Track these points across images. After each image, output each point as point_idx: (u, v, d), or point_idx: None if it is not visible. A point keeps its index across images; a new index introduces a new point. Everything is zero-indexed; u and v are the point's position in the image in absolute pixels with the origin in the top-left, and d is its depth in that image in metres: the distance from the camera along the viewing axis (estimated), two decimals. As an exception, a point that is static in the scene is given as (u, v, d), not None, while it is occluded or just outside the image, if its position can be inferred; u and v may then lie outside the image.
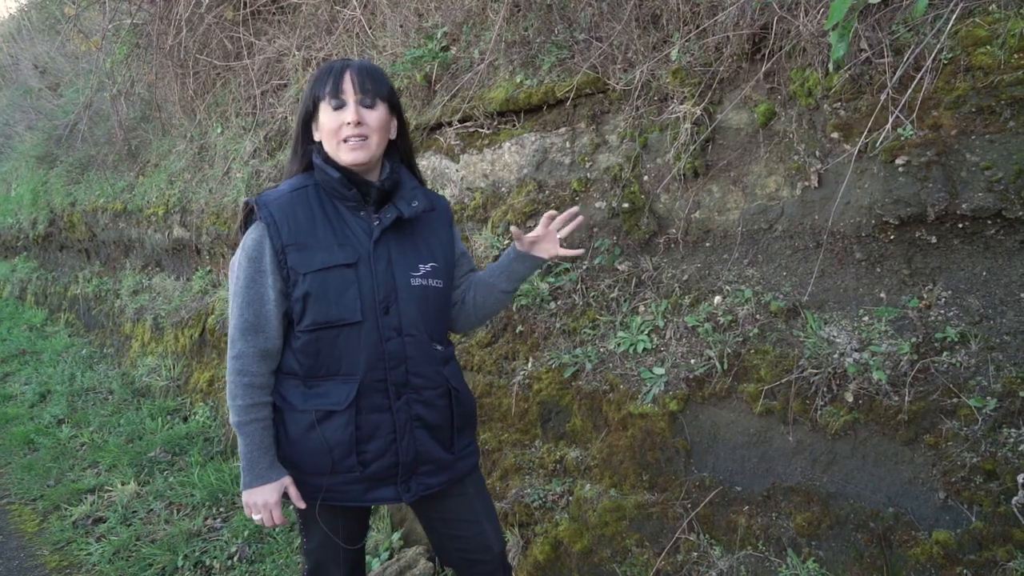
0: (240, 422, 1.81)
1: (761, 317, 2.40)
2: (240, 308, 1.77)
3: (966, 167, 1.96)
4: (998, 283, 2.00)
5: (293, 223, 1.77)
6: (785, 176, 2.47)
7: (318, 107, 1.82)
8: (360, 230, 1.83)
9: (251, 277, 1.76)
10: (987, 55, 1.94)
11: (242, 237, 1.82)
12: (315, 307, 1.78)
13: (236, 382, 1.80)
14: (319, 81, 1.83)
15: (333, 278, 1.78)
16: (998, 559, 1.77)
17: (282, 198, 1.80)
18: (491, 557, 2.12)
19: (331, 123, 1.79)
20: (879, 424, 2.04)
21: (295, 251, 1.76)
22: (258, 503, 1.83)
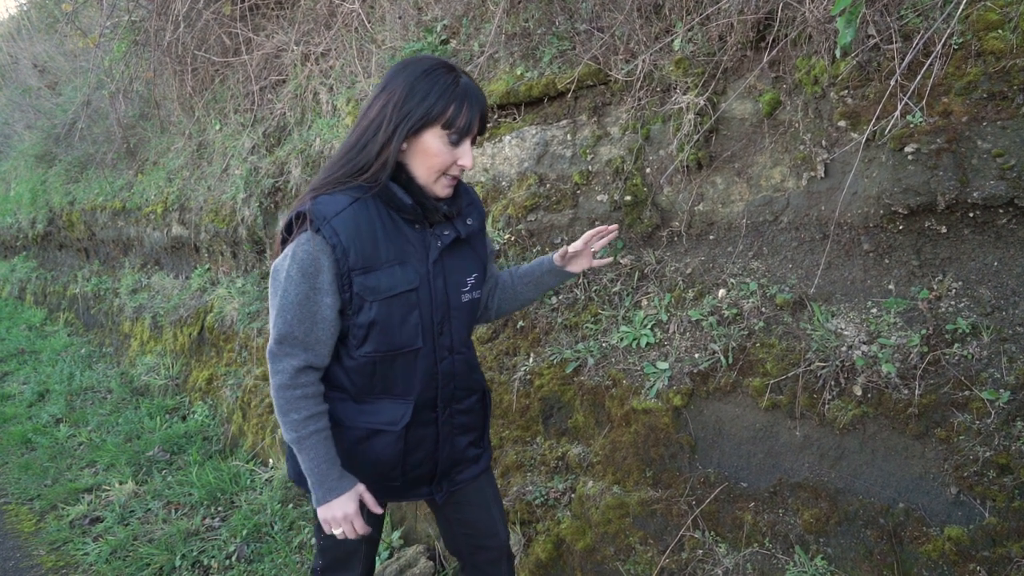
0: (299, 437, 1.72)
1: (767, 310, 2.36)
2: (289, 324, 1.65)
3: (977, 154, 1.91)
4: (1010, 273, 1.96)
5: (358, 244, 1.64)
6: (791, 166, 2.42)
7: (429, 127, 1.63)
8: (418, 244, 1.74)
9: (305, 294, 1.64)
10: (999, 39, 1.89)
11: (287, 240, 1.67)
12: (379, 335, 1.73)
13: (288, 396, 1.70)
14: (446, 100, 1.63)
15: (398, 304, 1.72)
16: (1013, 555, 1.72)
17: (344, 213, 1.64)
18: (497, 543, 2.15)
19: (443, 157, 1.66)
20: (889, 418, 1.99)
21: (361, 275, 1.66)
22: (337, 517, 1.77)
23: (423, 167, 1.67)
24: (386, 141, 1.63)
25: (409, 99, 1.62)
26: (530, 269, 2.06)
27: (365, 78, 4.08)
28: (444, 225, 1.79)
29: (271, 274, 1.69)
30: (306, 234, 1.62)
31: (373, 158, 1.64)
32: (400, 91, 1.63)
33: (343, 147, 1.71)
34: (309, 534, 3.52)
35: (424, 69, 1.64)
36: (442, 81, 1.63)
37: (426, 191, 1.71)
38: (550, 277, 2.04)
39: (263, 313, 4.73)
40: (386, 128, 1.63)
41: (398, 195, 1.68)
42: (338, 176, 1.67)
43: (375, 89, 1.70)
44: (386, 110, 1.63)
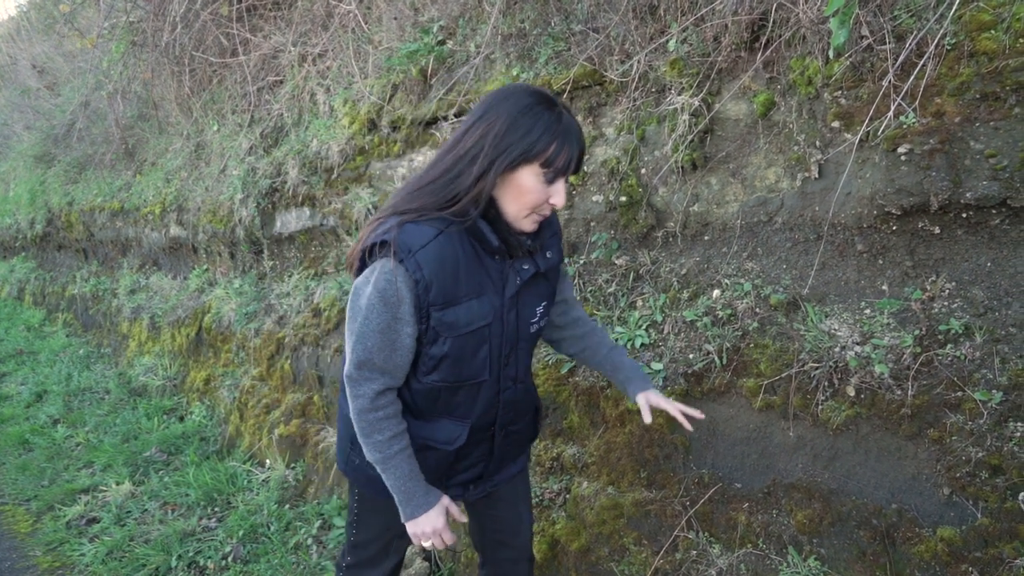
0: (383, 457, 1.75)
1: (761, 311, 2.35)
2: (369, 350, 1.65)
3: (970, 155, 1.91)
4: (1003, 274, 1.95)
5: (440, 279, 1.62)
6: (785, 167, 2.42)
7: (526, 164, 1.58)
8: (496, 276, 1.73)
9: (387, 323, 1.63)
10: (991, 40, 1.89)
11: (367, 263, 1.65)
12: (449, 367, 1.75)
13: (370, 419, 1.72)
14: (548, 137, 1.58)
15: (471, 339, 1.72)
16: (1005, 556, 1.72)
17: (429, 247, 1.60)
18: (520, 542, 2.20)
19: (537, 195, 1.62)
20: (882, 419, 1.99)
21: (440, 310, 1.65)
22: (427, 531, 1.82)
23: (514, 204, 1.64)
24: (481, 174, 1.58)
25: (510, 133, 1.57)
26: (621, 363, 2.04)
27: (362, 78, 4.08)
28: (522, 260, 1.77)
29: (351, 295, 1.66)
30: (389, 263, 1.60)
31: (465, 190, 1.59)
32: (501, 123, 1.57)
33: (432, 171, 1.65)
34: (305, 535, 3.52)
35: (527, 103, 1.59)
36: (545, 117, 1.58)
37: (512, 227, 1.68)
38: (614, 378, 2.06)
39: (260, 314, 4.73)
40: (483, 161, 1.57)
41: (486, 234, 1.65)
42: (425, 203, 1.62)
43: (471, 116, 1.64)
44: (484, 141, 1.57)
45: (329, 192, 4.28)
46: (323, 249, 4.46)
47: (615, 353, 2.07)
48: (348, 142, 4.12)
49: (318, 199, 4.35)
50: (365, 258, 1.67)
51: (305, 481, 3.92)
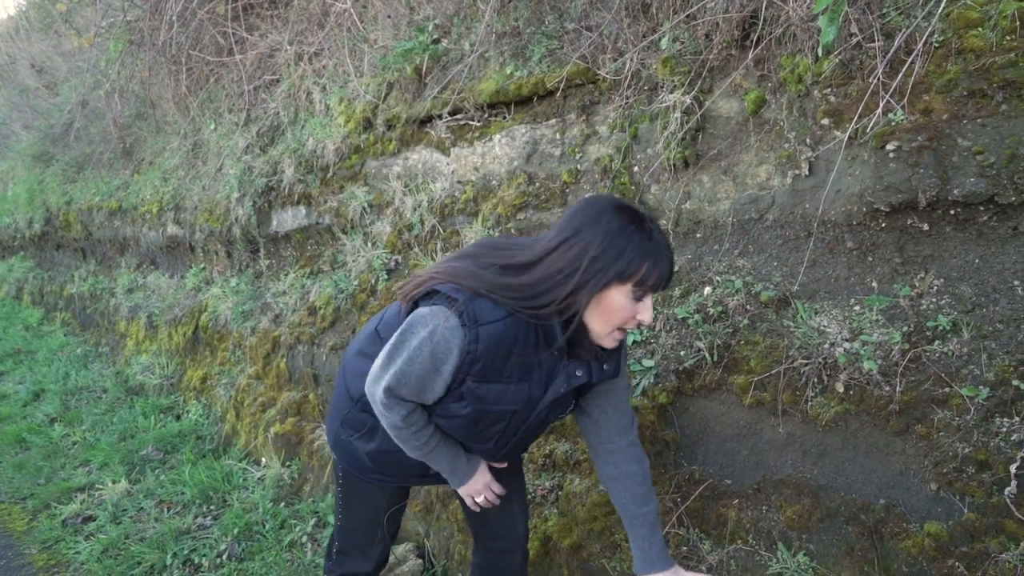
0: (424, 453, 1.84)
1: (751, 308, 2.36)
2: (402, 386, 1.68)
3: (957, 152, 1.92)
4: (991, 270, 1.96)
5: (490, 358, 1.65)
6: (776, 165, 2.43)
7: (617, 284, 1.62)
8: (546, 370, 1.75)
9: (427, 372, 1.66)
10: (979, 37, 1.90)
11: (421, 301, 1.71)
12: (461, 426, 1.80)
13: (403, 435, 1.79)
14: (641, 258, 1.60)
15: (493, 415, 1.77)
16: (991, 551, 1.73)
17: (495, 326, 1.63)
18: (514, 535, 2.25)
19: (625, 312, 1.65)
20: (870, 415, 2.00)
21: (476, 382, 1.69)
22: (479, 487, 1.98)
23: (600, 320, 1.67)
24: (572, 292, 1.61)
25: (605, 255, 1.59)
26: (640, 534, 1.97)
27: (357, 77, 4.09)
28: (579, 364, 1.78)
29: (407, 324, 1.68)
30: (455, 321, 1.62)
31: (554, 305, 1.62)
32: (597, 245, 1.59)
33: (520, 277, 1.64)
34: (300, 532, 3.53)
35: (620, 224, 1.61)
36: (636, 238, 1.61)
37: (591, 340, 1.72)
38: (635, 545, 1.99)
39: (256, 312, 4.74)
40: (578, 280, 1.59)
41: (556, 333, 1.69)
42: (503, 297, 1.63)
43: (562, 230, 1.65)
44: (581, 261, 1.59)
45: (325, 191, 4.29)
46: (319, 247, 4.46)
47: (637, 523, 1.98)
48: (344, 141, 4.13)
49: (314, 198, 4.36)
50: (423, 297, 1.71)
51: (300, 479, 3.93)
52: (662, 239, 1.66)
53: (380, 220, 3.93)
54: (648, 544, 1.95)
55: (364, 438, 1.98)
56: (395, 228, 3.79)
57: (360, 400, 1.94)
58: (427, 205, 3.60)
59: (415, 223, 3.64)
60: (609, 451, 1.99)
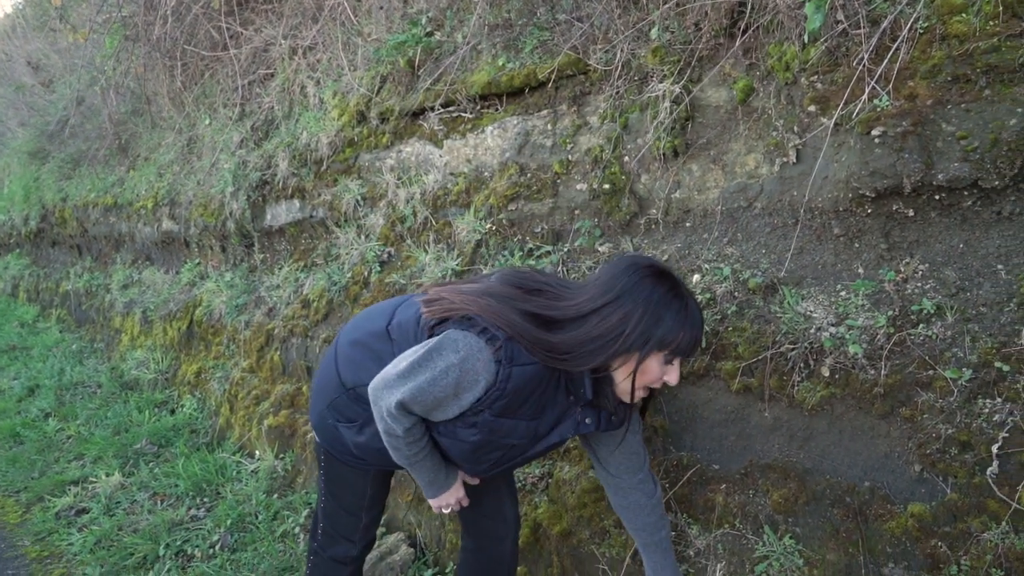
0: (410, 463, 1.85)
1: (739, 295, 2.38)
2: (416, 403, 1.68)
3: (942, 137, 1.93)
4: (975, 255, 1.98)
5: (514, 397, 1.68)
6: (764, 153, 2.44)
7: (655, 351, 1.69)
8: (557, 411, 1.81)
9: (447, 396, 1.67)
10: (962, 23, 1.92)
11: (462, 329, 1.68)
12: (462, 451, 1.81)
13: (398, 444, 1.78)
14: (679, 327, 1.68)
15: (496, 444, 1.79)
16: (973, 530, 1.74)
17: (528, 369, 1.66)
18: (502, 519, 2.27)
19: (655, 375, 1.73)
20: (855, 398, 2.02)
21: (492, 416, 1.71)
22: (450, 502, 2.00)
23: (629, 380, 1.73)
24: (613, 357, 1.68)
25: (646, 323, 1.66)
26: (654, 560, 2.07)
27: (351, 71, 4.10)
28: (591, 411, 1.84)
29: (439, 341, 1.67)
30: (490, 356, 1.63)
31: (592, 365, 1.67)
32: (640, 312, 1.66)
33: (555, 325, 1.68)
34: (293, 523, 3.54)
35: (662, 292, 1.69)
36: (675, 306, 1.69)
37: (614, 393, 1.77)
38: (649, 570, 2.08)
39: (250, 306, 4.75)
40: (618, 348, 1.66)
41: (584, 387, 1.75)
42: (540, 352, 1.65)
43: (604, 289, 1.69)
44: (626, 326, 1.65)
45: (319, 184, 4.30)
46: (313, 241, 4.47)
47: (651, 549, 2.07)
48: (337, 134, 4.14)
49: (308, 191, 4.37)
50: (455, 319, 1.71)
51: (294, 471, 3.93)
52: (696, 306, 1.74)
53: (373, 213, 3.94)
54: (661, 568, 2.05)
55: (353, 429, 1.98)
56: (388, 220, 3.80)
57: (353, 389, 1.94)
58: (420, 197, 3.62)
59: (408, 215, 3.65)
60: (618, 485, 2.06)
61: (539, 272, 1.85)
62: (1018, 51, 1.83)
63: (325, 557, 2.28)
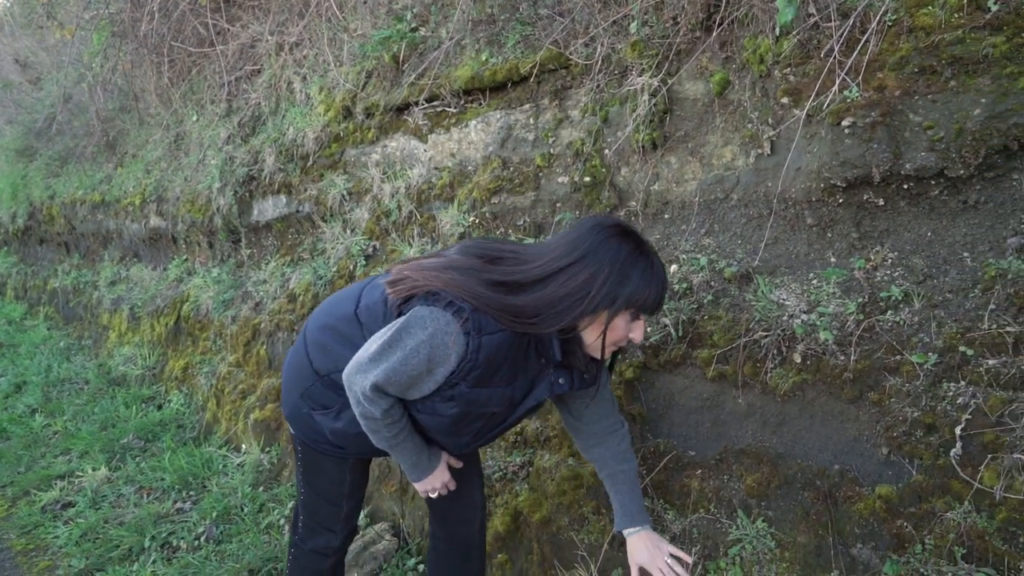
0: (391, 445, 1.86)
1: (715, 284, 2.41)
2: (391, 383, 1.69)
3: (909, 127, 1.98)
4: (942, 243, 2.02)
5: (487, 366, 1.69)
6: (740, 145, 2.48)
7: (623, 309, 1.70)
8: (530, 375, 1.83)
9: (420, 373, 1.68)
10: (928, 15, 1.96)
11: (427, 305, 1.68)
12: (442, 425, 1.82)
13: (378, 427, 1.79)
14: (645, 285, 1.69)
15: (475, 415, 1.81)
16: (937, 510, 1.78)
17: (497, 336, 1.66)
18: (471, 501, 2.29)
19: (621, 332, 1.75)
20: (826, 384, 2.05)
21: (468, 387, 1.72)
22: (436, 486, 2.01)
23: (598, 339, 1.74)
24: (581, 317, 1.68)
25: (613, 280, 1.66)
26: (626, 499, 2.07)
27: (337, 66, 4.12)
28: (563, 372, 1.85)
29: (405, 322, 1.67)
30: (458, 329, 1.64)
31: (560, 326, 1.67)
32: (607, 271, 1.66)
33: (519, 288, 1.67)
34: (278, 515, 3.56)
35: (628, 251, 1.69)
36: (641, 264, 1.69)
37: (584, 352, 1.79)
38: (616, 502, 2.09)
39: (237, 301, 4.77)
40: (585, 307, 1.65)
41: (554, 348, 1.75)
42: (507, 319, 1.65)
43: (569, 249, 1.68)
44: (592, 286, 1.65)
45: (305, 179, 4.32)
46: (299, 236, 4.49)
47: (618, 478, 2.08)
48: (323, 129, 4.17)
49: (294, 186, 4.39)
50: (420, 296, 1.71)
51: (280, 464, 3.95)
52: (660, 264, 1.75)
53: (359, 207, 3.96)
54: (628, 500, 2.05)
55: (330, 416, 1.98)
56: (373, 215, 3.83)
57: (327, 376, 1.94)
58: (404, 191, 3.64)
59: (393, 209, 3.68)
60: (591, 432, 2.08)
61: (500, 240, 1.87)
62: (982, 43, 1.87)
63: (306, 549, 2.27)
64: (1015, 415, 1.72)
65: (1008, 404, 1.75)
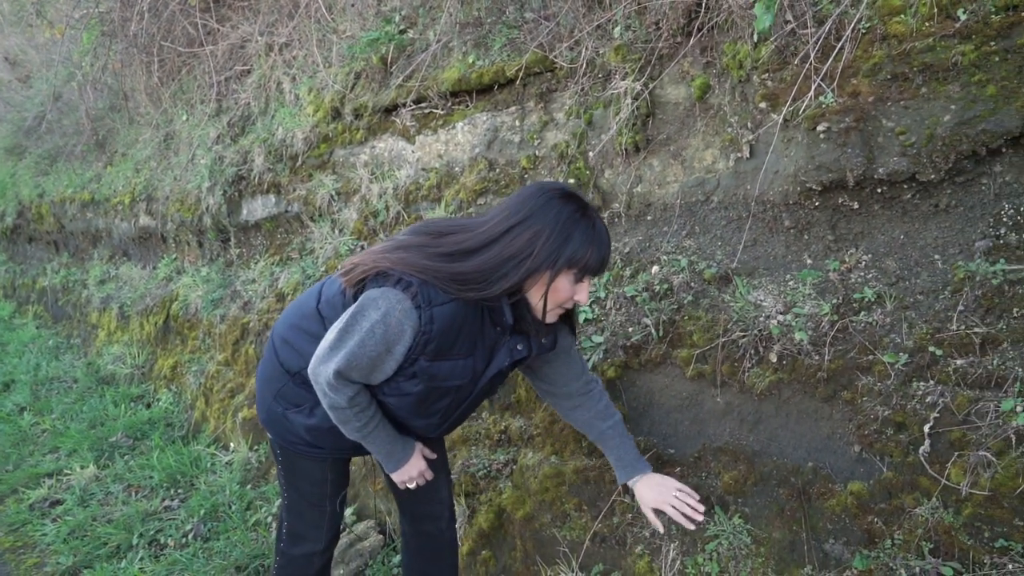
0: (363, 435, 1.88)
1: (695, 285, 2.46)
2: (352, 368, 1.72)
3: (882, 132, 2.02)
4: (914, 246, 2.07)
5: (443, 337, 1.72)
6: (720, 148, 2.52)
7: (565, 268, 1.72)
8: (489, 344, 1.85)
9: (379, 354, 1.72)
10: (901, 24, 2.01)
11: (377, 286, 1.72)
12: (409, 404, 1.86)
13: (345, 416, 1.82)
14: (587, 245, 1.72)
15: (440, 390, 1.84)
16: (906, 506, 1.83)
17: (447, 307, 1.70)
18: (438, 499, 2.32)
19: (566, 293, 1.77)
20: (801, 383, 2.10)
21: (428, 361, 1.75)
22: (413, 475, 2.05)
23: (543, 300, 1.77)
24: (526, 276, 1.71)
25: (555, 241, 1.69)
26: (621, 448, 2.13)
27: (326, 67, 4.15)
28: (521, 338, 1.88)
29: (357, 307, 1.72)
30: (409, 304, 1.68)
31: (505, 288, 1.70)
32: (548, 231, 1.69)
33: (470, 263, 1.70)
34: (266, 513, 3.59)
35: (569, 211, 1.72)
36: (583, 225, 1.72)
37: (534, 315, 1.81)
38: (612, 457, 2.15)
39: (226, 300, 4.79)
40: (530, 264, 1.69)
41: (504, 312, 1.78)
42: (457, 289, 1.69)
43: (510, 215, 1.72)
44: (534, 247, 1.69)
45: (294, 179, 4.35)
46: (288, 235, 4.52)
47: (608, 435, 2.14)
48: (312, 130, 4.19)
49: (283, 186, 4.42)
50: (371, 279, 1.75)
51: (268, 463, 3.98)
52: (603, 226, 1.78)
53: (347, 207, 3.99)
54: (623, 452, 2.11)
55: (303, 413, 2.01)
56: (361, 215, 3.86)
57: (298, 374, 1.97)
58: (392, 192, 3.68)
59: (381, 210, 3.71)
60: (566, 395, 2.13)
61: (449, 217, 1.90)
62: (951, 51, 1.92)
63: (292, 556, 2.28)
64: (981, 413, 1.77)
65: (974, 403, 1.80)
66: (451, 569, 2.43)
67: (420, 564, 2.41)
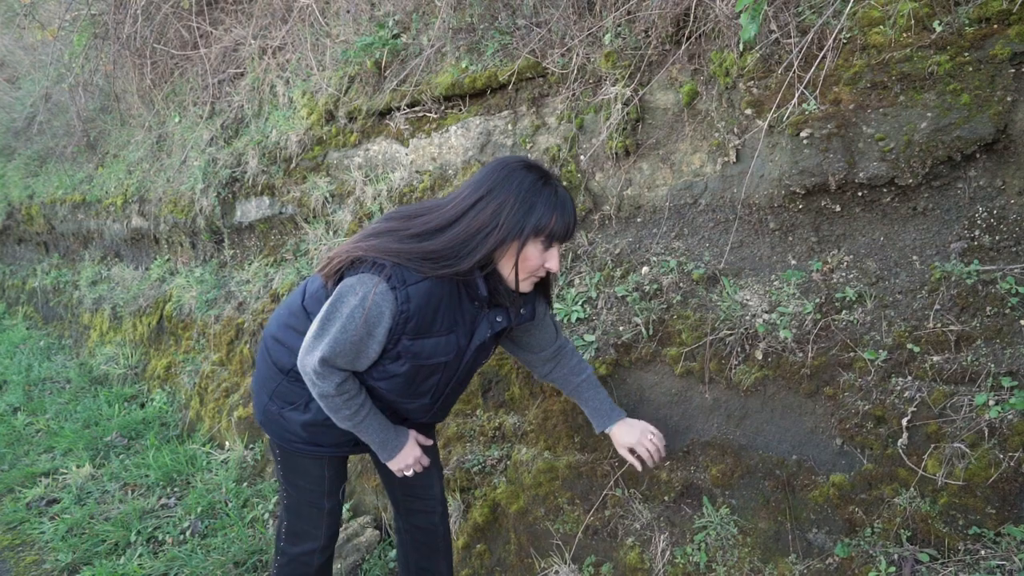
0: (354, 424, 1.94)
1: (684, 285, 2.54)
2: (337, 354, 1.78)
3: (862, 138, 2.11)
4: (894, 247, 2.16)
5: (422, 315, 1.78)
6: (708, 153, 2.61)
7: (532, 236, 1.77)
8: (469, 319, 1.91)
9: (361, 338, 1.77)
10: (880, 34, 2.10)
11: (347, 273, 1.80)
12: (399, 384, 1.92)
13: (335, 404, 1.88)
14: (550, 212, 1.76)
15: (427, 368, 1.90)
16: (885, 496, 1.92)
17: (422, 284, 1.76)
18: (431, 495, 2.38)
19: (536, 261, 1.82)
20: (785, 379, 2.19)
21: (411, 339, 1.81)
22: (409, 463, 2.09)
23: (515, 271, 1.82)
24: (494, 247, 1.76)
25: (519, 210, 1.74)
26: (596, 401, 2.24)
27: (320, 71, 4.21)
28: (499, 311, 1.94)
29: (336, 296, 1.78)
30: (384, 286, 1.74)
31: (475, 260, 1.76)
32: (512, 201, 1.74)
33: (439, 240, 1.76)
34: (263, 510, 3.64)
35: (531, 180, 1.78)
36: (545, 192, 1.78)
37: (508, 287, 1.87)
38: (588, 409, 2.25)
39: (220, 300, 4.83)
40: (497, 235, 1.75)
41: (478, 286, 1.84)
42: (430, 268, 1.75)
43: (475, 189, 1.78)
44: (499, 218, 1.74)
45: (288, 181, 4.40)
46: (282, 237, 4.57)
47: (582, 388, 2.25)
48: (306, 133, 4.25)
49: (277, 188, 4.47)
50: (347, 268, 1.81)
51: (264, 460, 4.03)
52: (566, 193, 1.84)
53: (341, 209, 4.05)
54: (598, 403, 2.22)
55: (298, 409, 2.07)
56: (356, 217, 3.92)
57: (290, 372, 2.03)
58: (387, 194, 3.74)
59: (375, 211, 3.77)
60: (543, 359, 2.22)
61: (418, 202, 1.96)
62: (927, 61, 2.01)
63: (293, 554, 2.31)
64: (956, 407, 1.86)
65: (950, 397, 1.88)
66: (446, 563, 2.49)
67: (415, 558, 2.48)
